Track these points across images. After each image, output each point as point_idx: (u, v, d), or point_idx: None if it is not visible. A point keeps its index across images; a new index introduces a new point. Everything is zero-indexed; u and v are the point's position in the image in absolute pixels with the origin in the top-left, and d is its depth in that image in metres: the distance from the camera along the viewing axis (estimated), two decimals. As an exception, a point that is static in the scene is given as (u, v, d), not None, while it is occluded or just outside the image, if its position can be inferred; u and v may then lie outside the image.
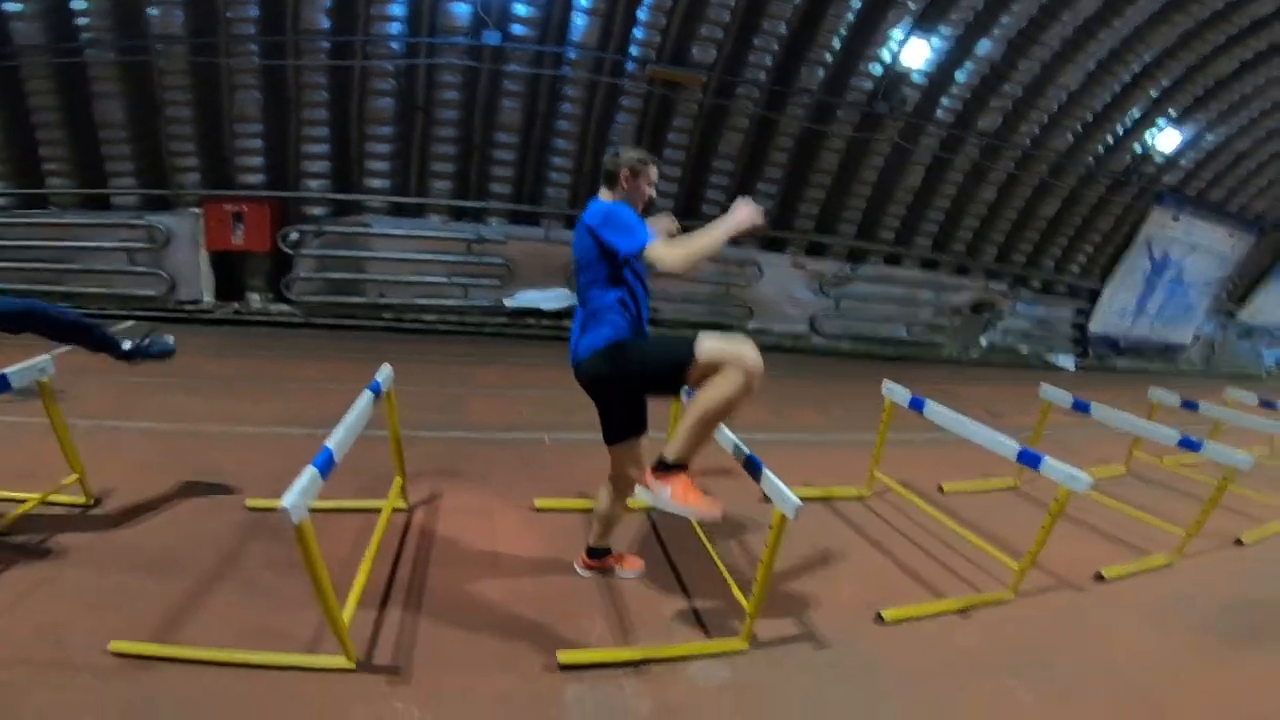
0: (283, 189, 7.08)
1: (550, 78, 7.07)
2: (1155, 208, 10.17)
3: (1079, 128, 8.76)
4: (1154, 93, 8.52)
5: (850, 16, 7.25)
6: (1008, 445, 3.07)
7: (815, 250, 8.97)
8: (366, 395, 2.64)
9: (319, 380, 5.38)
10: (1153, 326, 11.65)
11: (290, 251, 7.16)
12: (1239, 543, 4.09)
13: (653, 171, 2.51)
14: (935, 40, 7.42)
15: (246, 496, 3.22)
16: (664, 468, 2.36)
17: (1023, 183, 9.20)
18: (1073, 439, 5.62)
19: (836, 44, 7.33)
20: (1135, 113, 8.79)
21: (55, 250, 6.86)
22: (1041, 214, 9.69)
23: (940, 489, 4.34)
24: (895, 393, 3.72)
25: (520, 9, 6.52)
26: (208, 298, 7.31)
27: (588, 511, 3.41)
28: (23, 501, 2.84)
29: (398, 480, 3.23)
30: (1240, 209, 11.08)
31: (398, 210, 7.41)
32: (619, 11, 6.82)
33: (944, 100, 8.03)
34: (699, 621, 2.74)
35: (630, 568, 2.98)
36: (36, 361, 2.64)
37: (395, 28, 6.40)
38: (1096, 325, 11.11)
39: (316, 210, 7.25)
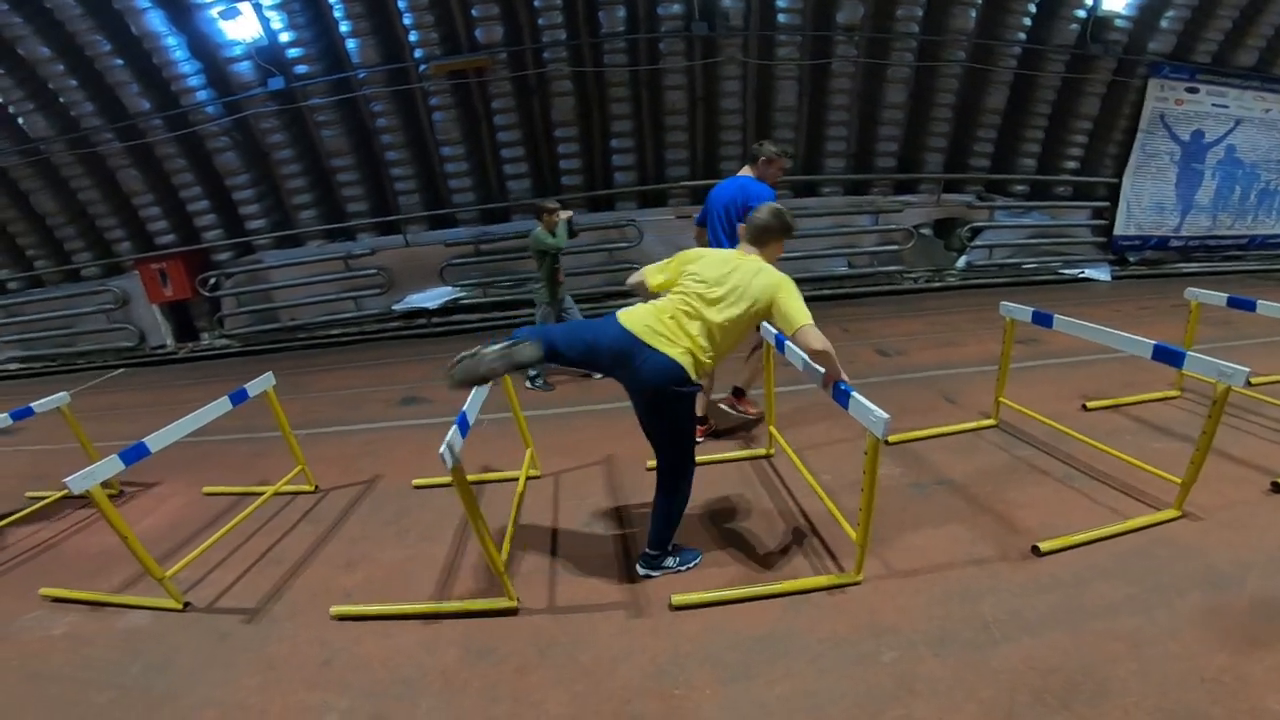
0: (190, 243, 8.29)
1: (363, 99, 7.52)
2: (1152, 80, 7.95)
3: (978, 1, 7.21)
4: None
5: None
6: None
7: (700, 197, 8.28)
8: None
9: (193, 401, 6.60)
10: (1216, 219, 8.91)
11: (208, 294, 8.32)
12: None
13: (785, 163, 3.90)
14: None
15: None
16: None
17: (941, 74, 7.72)
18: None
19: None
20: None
21: (61, 319, 8.71)
22: (988, 107, 8.02)
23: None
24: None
25: (292, 51, 7.09)
26: (169, 341, 8.73)
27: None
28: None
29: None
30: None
31: (285, 243, 8.29)
32: (393, 24, 7.14)
33: (779, 3, 7.12)
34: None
35: (749, 409, 4.35)
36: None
37: (202, 95, 7.26)
38: (1126, 227, 8.80)
39: (222, 255, 8.36)
